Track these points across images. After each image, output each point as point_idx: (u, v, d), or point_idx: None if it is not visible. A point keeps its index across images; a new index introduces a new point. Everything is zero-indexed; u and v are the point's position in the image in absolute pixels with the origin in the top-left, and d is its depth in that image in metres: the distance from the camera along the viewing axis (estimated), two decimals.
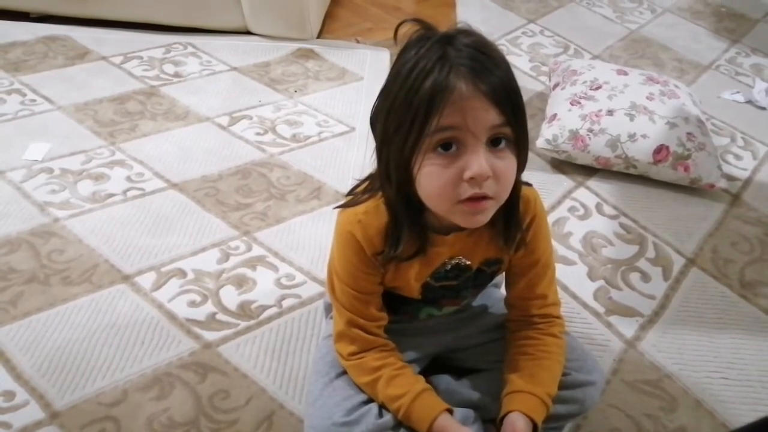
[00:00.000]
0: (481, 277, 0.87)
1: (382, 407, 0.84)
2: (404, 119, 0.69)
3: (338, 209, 0.83)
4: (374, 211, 0.79)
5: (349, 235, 0.79)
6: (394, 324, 0.88)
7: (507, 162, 0.71)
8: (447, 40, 0.69)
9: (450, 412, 0.82)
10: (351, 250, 0.80)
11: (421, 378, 0.86)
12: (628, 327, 1.16)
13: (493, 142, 0.70)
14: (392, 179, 0.73)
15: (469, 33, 0.70)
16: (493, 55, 0.69)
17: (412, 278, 0.83)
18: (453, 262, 0.83)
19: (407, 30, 0.71)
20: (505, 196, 0.73)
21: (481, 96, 0.67)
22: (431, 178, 0.70)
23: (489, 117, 0.68)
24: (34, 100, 1.67)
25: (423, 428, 0.80)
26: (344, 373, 0.87)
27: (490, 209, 0.72)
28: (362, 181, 0.84)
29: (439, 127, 0.67)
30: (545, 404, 0.81)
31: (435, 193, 0.71)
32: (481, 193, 0.69)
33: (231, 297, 1.16)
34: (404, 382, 0.83)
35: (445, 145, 0.69)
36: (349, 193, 0.84)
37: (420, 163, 0.70)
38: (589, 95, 1.58)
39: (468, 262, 0.84)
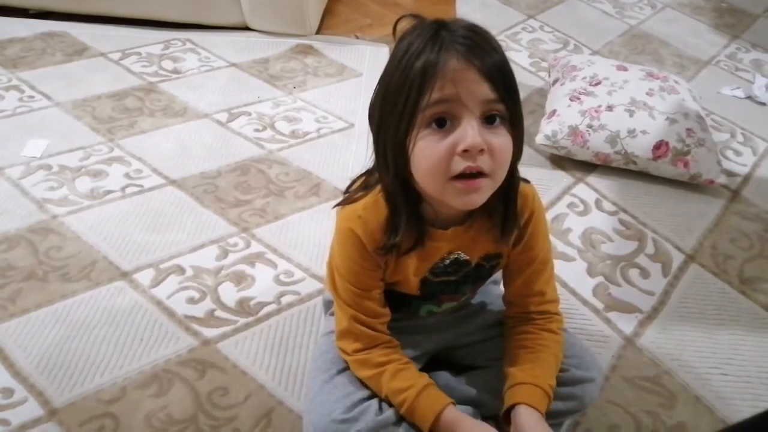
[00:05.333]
0: (481, 273, 0.87)
1: (383, 402, 0.84)
2: (398, 99, 0.69)
3: (337, 207, 0.83)
4: (373, 207, 0.78)
5: (350, 232, 0.79)
6: (394, 322, 0.88)
7: (502, 138, 0.70)
8: (440, 24, 0.70)
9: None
10: (352, 246, 0.80)
11: (426, 374, 0.86)
12: (627, 323, 1.16)
13: (488, 120, 0.70)
14: (389, 164, 0.73)
15: (464, 20, 0.71)
16: (488, 38, 0.70)
17: (411, 273, 0.83)
18: (452, 256, 0.83)
19: (405, 25, 0.72)
20: (501, 175, 0.72)
21: (473, 69, 0.67)
22: (425, 153, 0.70)
23: (481, 90, 0.68)
24: (32, 97, 1.66)
25: (427, 421, 0.80)
26: (344, 370, 0.87)
27: (484, 188, 0.71)
28: (358, 178, 0.83)
29: (432, 101, 0.67)
30: (548, 395, 0.81)
31: (429, 169, 0.70)
32: (475, 167, 0.69)
33: (230, 294, 1.15)
34: (410, 376, 0.83)
35: (439, 121, 0.69)
36: (347, 191, 0.84)
37: (414, 139, 0.70)
38: (589, 91, 1.57)
39: (467, 257, 0.84)
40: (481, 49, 0.68)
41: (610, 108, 1.52)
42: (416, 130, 0.69)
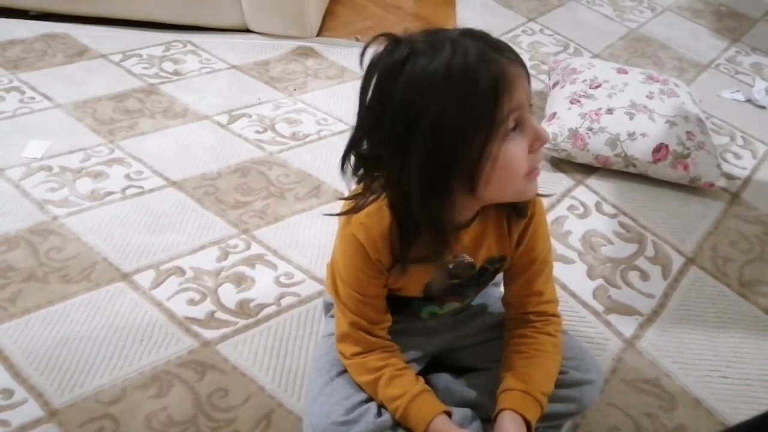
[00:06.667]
0: (485, 276, 0.87)
1: (381, 406, 0.84)
2: (469, 121, 0.66)
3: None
4: (377, 214, 0.77)
5: (353, 239, 0.79)
6: (395, 324, 0.88)
7: None
8: (463, 33, 0.68)
9: (449, 414, 0.82)
10: (355, 253, 0.79)
11: (421, 380, 0.86)
12: (627, 326, 1.16)
13: None
14: (430, 192, 0.70)
15: (469, 28, 0.70)
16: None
17: (415, 279, 0.83)
18: (457, 260, 0.83)
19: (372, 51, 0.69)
20: None
21: (524, 72, 0.69)
22: (514, 160, 0.69)
23: (528, 89, 0.70)
24: (33, 98, 1.66)
25: (420, 429, 0.80)
26: (344, 371, 0.87)
27: None
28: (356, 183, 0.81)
29: (512, 108, 0.67)
30: (539, 402, 0.81)
31: (518, 174, 0.71)
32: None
33: (230, 295, 1.15)
34: (403, 383, 0.83)
35: (514, 127, 0.69)
36: (349, 198, 0.81)
37: (496, 153, 0.68)
38: (589, 94, 1.57)
39: (471, 260, 0.83)
40: (514, 53, 0.69)
41: (610, 111, 1.52)
42: (497, 144, 0.68)
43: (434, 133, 0.66)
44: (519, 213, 0.82)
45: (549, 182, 1.50)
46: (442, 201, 0.71)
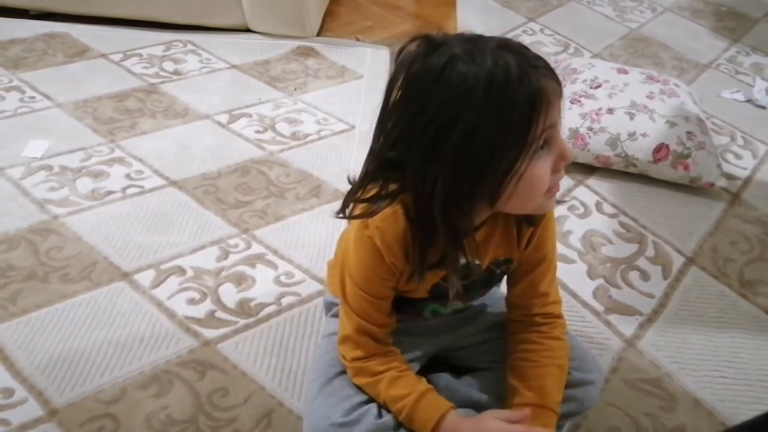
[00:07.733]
0: (491, 279, 0.87)
1: (381, 407, 0.83)
2: (501, 136, 0.66)
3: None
4: (392, 218, 0.76)
5: (369, 241, 0.78)
6: (397, 323, 0.88)
7: None
8: (499, 45, 0.67)
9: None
10: (369, 255, 0.79)
11: (424, 380, 0.86)
12: (627, 326, 1.16)
13: None
14: (449, 206, 0.69)
15: (510, 41, 0.69)
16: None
17: (424, 281, 0.83)
18: (462, 261, 0.82)
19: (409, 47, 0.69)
20: None
21: (559, 90, 0.68)
22: (538, 180, 0.69)
23: (561, 107, 0.69)
24: (33, 98, 1.66)
25: (427, 428, 0.80)
26: (343, 372, 0.87)
27: None
28: (362, 183, 0.77)
29: (545, 127, 0.67)
30: (555, 414, 0.82)
31: (539, 192, 0.71)
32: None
33: (230, 295, 1.15)
34: (407, 383, 0.83)
35: (543, 145, 0.69)
36: (357, 200, 0.77)
37: (523, 170, 0.67)
38: (589, 94, 1.58)
39: (477, 262, 0.83)
40: (552, 70, 0.68)
41: (610, 111, 1.52)
42: (525, 162, 0.67)
43: (467, 143, 0.65)
44: (530, 222, 0.81)
45: None
46: (463, 209, 0.70)
